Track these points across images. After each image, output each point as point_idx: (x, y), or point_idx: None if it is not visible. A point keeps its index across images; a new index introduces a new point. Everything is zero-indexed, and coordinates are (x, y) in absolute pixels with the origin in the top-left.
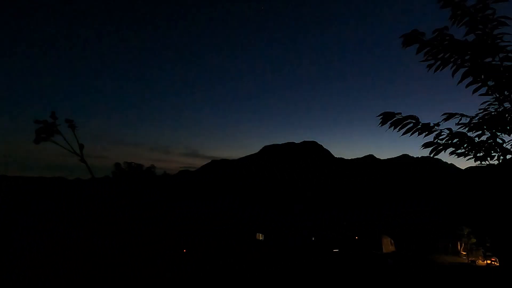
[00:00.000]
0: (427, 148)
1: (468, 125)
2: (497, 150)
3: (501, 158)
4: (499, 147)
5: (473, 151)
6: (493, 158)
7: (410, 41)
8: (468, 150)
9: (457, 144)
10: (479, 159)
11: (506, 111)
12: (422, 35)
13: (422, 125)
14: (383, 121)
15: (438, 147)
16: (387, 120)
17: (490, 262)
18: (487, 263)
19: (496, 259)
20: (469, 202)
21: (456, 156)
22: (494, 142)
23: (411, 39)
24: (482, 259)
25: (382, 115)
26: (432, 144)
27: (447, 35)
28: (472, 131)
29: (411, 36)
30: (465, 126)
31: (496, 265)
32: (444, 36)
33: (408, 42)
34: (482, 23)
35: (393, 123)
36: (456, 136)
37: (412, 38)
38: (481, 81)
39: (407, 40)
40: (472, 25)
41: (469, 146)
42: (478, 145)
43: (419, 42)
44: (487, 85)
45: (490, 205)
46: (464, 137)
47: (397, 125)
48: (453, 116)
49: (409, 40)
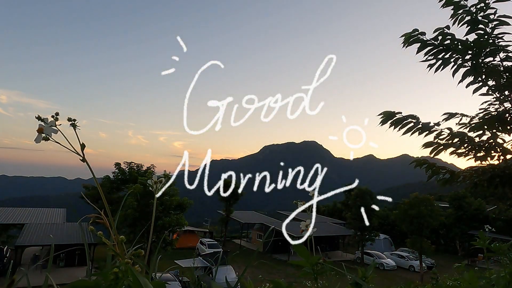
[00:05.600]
0: (427, 148)
1: (468, 125)
2: (497, 150)
3: (501, 158)
4: (499, 147)
5: (473, 151)
6: (493, 158)
7: (411, 41)
8: (468, 150)
9: (457, 144)
10: (479, 159)
11: (506, 111)
12: (422, 34)
13: (422, 125)
14: (383, 121)
15: (438, 147)
16: (387, 120)
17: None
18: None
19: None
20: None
21: (456, 156)
22: (494, 142)
23: (412, 38)
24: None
25: (382, 115)
26: (432, 144)
27: (448, 35)
28: (472, 131)
29: (411, 35)
30: (465, 126)
31: None
32: (445, 36)
33: (408, 41)
34: (483, 23)
35: (393, 122)
36: (456, 136)
37: (412, 38)
38: (481, 81)
39: (408, 40)
40: (473, 25)
41: (469, 146)
42: (478, 145)
43: (420, 42)
44: (487, 85)
45: None
46: (464, 137)
47: (397, 125)
48: (453, 116)
49: (409, 40)
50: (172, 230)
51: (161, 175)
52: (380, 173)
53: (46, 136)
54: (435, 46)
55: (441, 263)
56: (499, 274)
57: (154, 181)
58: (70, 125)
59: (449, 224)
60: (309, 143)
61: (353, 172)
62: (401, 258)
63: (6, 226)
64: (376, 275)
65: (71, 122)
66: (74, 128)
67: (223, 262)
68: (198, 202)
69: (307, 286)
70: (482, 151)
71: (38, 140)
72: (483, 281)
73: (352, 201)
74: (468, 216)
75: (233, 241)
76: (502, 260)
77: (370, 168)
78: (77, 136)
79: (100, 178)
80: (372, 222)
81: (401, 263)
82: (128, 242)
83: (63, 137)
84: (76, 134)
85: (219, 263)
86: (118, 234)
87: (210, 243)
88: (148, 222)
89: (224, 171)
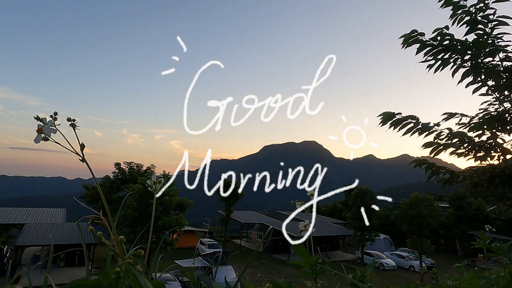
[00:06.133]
0: (427, 148)
1: (468, 125)
2: (497, 150)
3: (501, 158)
4: (499, 147)
5: (473, 151)
6: (493, 158)
7: (410, 41)
8: (468, 150)
9: (457, 144)
10: (479, 159)
11: (506, 111)
12: (422, 35)
13: (422, 125)
14: (383, 122)
15: (438, 147)
16: (387, 120)
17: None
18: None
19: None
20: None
21: (456, 156)
22: (494, 142)
23: (411, 39)
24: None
25: (382, 116)
26: (432, 144)
27: (447, 35)
28: (472, 131)
29: (410, 36)
30: (465, 126)
31: None
32: (444, 36)
33: (408, 42)
34: (483, 23)
35: (393, 123)
36: (456, 136)
37: (412, 38)
38: (481, 81)
39: (407, 41)
40: (472, 25)
41: (469, 146)
42: (478, 145)
43: (419, 42)
44: (487, 85)
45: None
46: (464, 137)
47: (397, 125)
48: (453, 116)
49: (409, 41)
50: (172, 230)
51: (161, 175)
52: (380, 173)
53: (45, 137)
54: (434, 47)
55: (441, 263)
56: (499, 274)
57: (154, 181)
58: (70, 125)
59: (449, 224)
60: (309, 143)
61: (353, 172)
62: (401, 258)
63: (6, 226)
64: (376, 275)
65: (71, 122)
66: (74, 128)
67: (223, 262)
68: (198, 202)
69: (307, 286)
70: (482, 151)
71: (37, 140)
72: (483, 281)
73: (352, 201)
74: (468, 216)
75: (233, 241)
76: (502, 260)
77: (370, 168)
78: (77, 136)
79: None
80: (372, 222)
81: (401, 263)
82: (128, 242)
83: (62, 137)
84: (76, 134)
85: (219, 263)
86: (118, 234)
87: (210, 243)
88: (148, 222)
89: (224, 171)
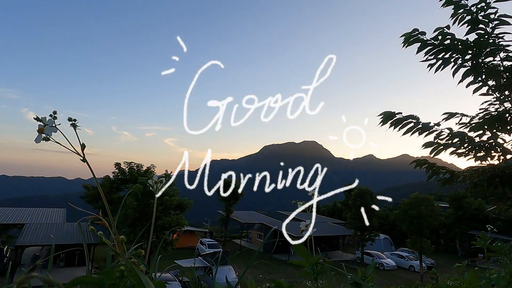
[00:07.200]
0: (427, 148)
1: (468, 125)
2: (497, 150)
3: (501, 158)
4: (499, 147)
5: (473, 151)
6: (493, 158)
7: (411, 41)
8: (468, 150)
9: (457, 144)
10: (479, 159)
11: (506, 111)
12: (423, 34)
13: (422, 125)
14: (383, 121)
15: (438, 147)
16: (388, 120)
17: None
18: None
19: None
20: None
21: (456, 156)
22: (494, 142)
23: (412, 38)
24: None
25: (382, 115)
26: (432, 144)
27: (448, 34)
28: (472, 131)
29: (411, 35)
30: (465, 126)
31: None
32: (445, 35)
33: (408, 41)
34: (484, 23)
35: (393, 123)
36: (456, 136)
37: (412, 37)
38: (481, 81)
39: (408, 40)
40: (473, 24)
41: (469, 146)
42: (478, 145)
43: (420, 42)
44: (487, 85)
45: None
46: (465, 137)
47: (397, 125)
48: (453, 116)
49: (409, 40)
50: (172, 230)
51: (162, 175)
52: (380, 173)
53: (46, 137)
54: (435, 46)
55: (441, 263)
56: (499, 274)
57: (154, 181)
58: (71, 125)
59: (449, 224)
60: (309, 143)
61: (353, 172)
62: (401, 258)
63: (6, 226)
64: (376, 275)
65: (72, 122)
66: (75, 128)
67: (223, 262)
68: (198, 202)
69: (307, 286)
70: (482, 151)
71: (38, 140)
72: (484, 281)
73: (352, 201)
74: (468, 216)
75: (233, 241)
76: (502, 260)
77: (370, 168)
78: (77, 136)
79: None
80: (372, 222)
81: (401, 263)
82: (128, 242)
83: (62, 137)
84: (76, 134)
85: (219, 263)
86: (118, 234)
87: (210, 243)
88: (148, 222)
89: (224, 171)
